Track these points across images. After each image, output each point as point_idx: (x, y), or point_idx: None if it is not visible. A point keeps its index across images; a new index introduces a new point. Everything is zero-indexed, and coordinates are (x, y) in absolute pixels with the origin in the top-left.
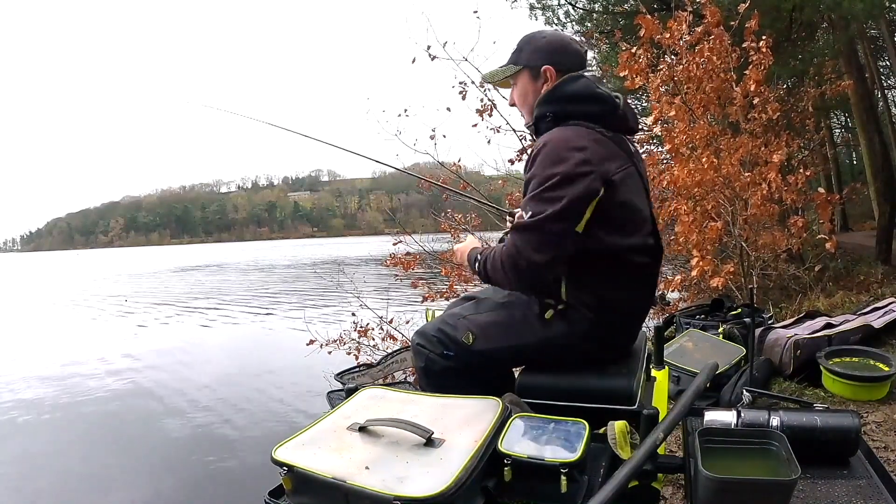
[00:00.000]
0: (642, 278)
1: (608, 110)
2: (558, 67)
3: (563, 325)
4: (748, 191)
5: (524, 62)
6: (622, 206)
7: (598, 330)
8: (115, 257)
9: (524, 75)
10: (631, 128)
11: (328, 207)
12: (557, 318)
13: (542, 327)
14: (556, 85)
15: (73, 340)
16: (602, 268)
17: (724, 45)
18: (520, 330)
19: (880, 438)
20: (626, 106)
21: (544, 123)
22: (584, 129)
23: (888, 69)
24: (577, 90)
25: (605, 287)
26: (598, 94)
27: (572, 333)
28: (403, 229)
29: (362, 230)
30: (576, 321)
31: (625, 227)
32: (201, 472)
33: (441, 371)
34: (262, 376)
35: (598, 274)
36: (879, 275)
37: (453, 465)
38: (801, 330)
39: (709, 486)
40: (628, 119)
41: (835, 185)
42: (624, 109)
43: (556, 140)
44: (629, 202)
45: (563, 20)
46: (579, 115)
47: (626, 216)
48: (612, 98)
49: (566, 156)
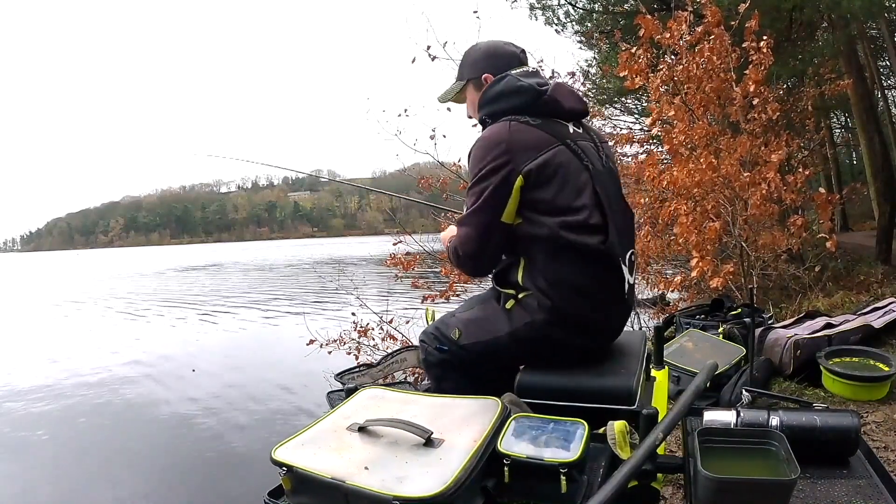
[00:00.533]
0: (592, 256)
1: (530, 99)
2: (495, 73)
3: (523, 314)
4: (748, 191)
5: (467, 76)
6: (552, 187)
7: (561, 315)
8: (115, 257)
9: (470, 88)
10: (570, 109)
11: (328, 207)
12: (518, 307)
13: (507, 321)
14: (485, 90)
15: (74, 340)
16: (548, 250)
17: (724, 45)
18: (492, 325)
19: (880, 438)
20: (556, 90)
21: (486, 126)
22: (505, 123)
23: (888, 69)
24: (500, 88)
25: (554, 268)
26: (519, 86)
27: (534, 321)
28: (403, 229)
29: (362, 230)
30: (534, 308)
31: (560, 206)
32: (201, 472)
33: (437, 363)
34: (261, 376)
35: (546, 256)
36: (879, 275)
37: (453, 465)
38: (801, 330)
39: (708, 486)
40: (560, 102)
41: (835, 185)
42: (553, 93)
43: (480, 140)
44: (559, 183)
45: (563, 20)
46: (507, 111)
47: (558, 196)
48: (533, 87)
49: (483, 154)
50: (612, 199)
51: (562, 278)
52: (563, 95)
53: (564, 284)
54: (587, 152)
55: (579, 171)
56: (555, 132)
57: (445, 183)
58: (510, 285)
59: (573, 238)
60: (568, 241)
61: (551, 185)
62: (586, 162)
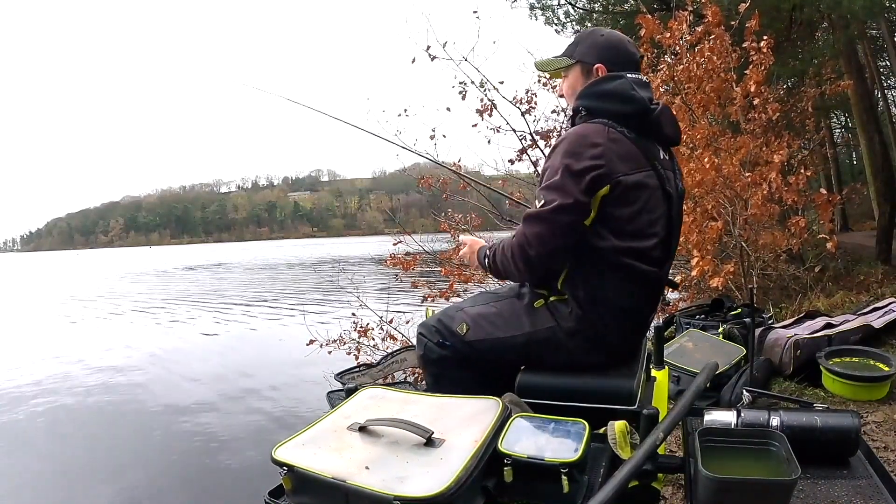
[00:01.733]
0: (642, 284)
1: (638, 112)
2: (609, 67)
3: (549, 318)
4: (748, 191)
5: (578, 56)
6: (631, 208)
7: (584, 326)
8: (116, 257)
9: (576, 69)
10: (666, 136)
11: (328, 207)
12: (546, 309)
13: (529, 321)
14: (595, 81)
15: (73, 340)
16: (603, 266)
17: (724, 44)
18: (507, 324)
19: (880, 438)
20: (662, 113)
21: (578, 118)
22: (603, 126)
23: (888, 69)
24: (611, 88)
25: (601, 284)
26: (631, 95)
27: (557, 327)
28: (403, 229)
29: (362, 230)
30: (563, 315)
31: (632, 229)
32: (201, 472)
33: (437, 359)
34: (261, 376)
35: (598, 271)
36: (879, 275)
37: (453, 464)
38: (801, 330)
39: (709, 486)
40: (662, 125)
41: (835, 185)
42: (659, 116)
43: (575, 135)
44: (640, 206)
45: (563, 20)
46: (608, 114)
47: (635, 219)
48: (644, 101)
49: (580, 151)
50: (677, 230)
51: (605, 296)
52: (665, 120)
53: (605, 303)
54: (670, 180)
55: (660, 200)
56: (648, 153)
57: (446, 183)
58: (545, 286)
59: (632, 263)
60: (625, 263)
61: (632, 206)
62: (669, 188)
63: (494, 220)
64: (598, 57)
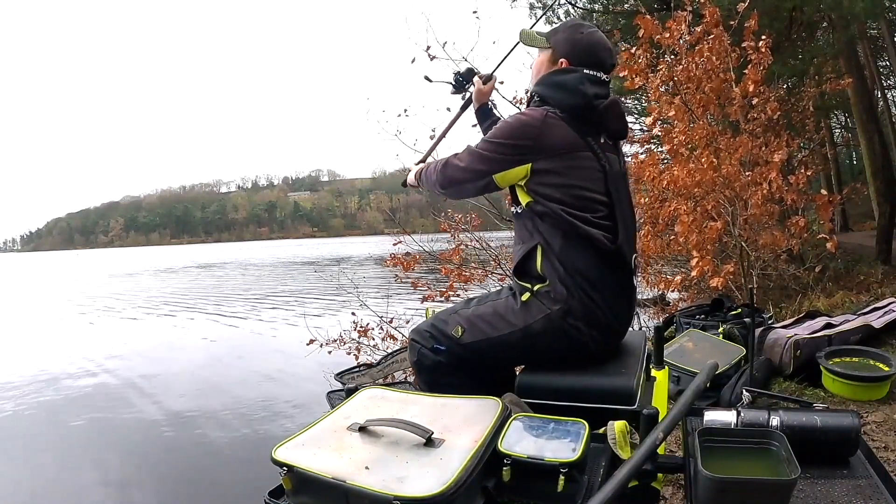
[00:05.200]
0: (603, 252)
1: (582, 105)
2: (574, 64)
3: (540, 307)
4: (748, 191)
5: (553, 44)
6: (567, 180)
7: (574, 304)
8: (115, 257)
9: (546, 53)
10: (611, 129)
11: (328, 207)
12: (535, 300)
13: (522, 316)
14: (554, 71)
15: (73, 340)
16: (563, 237)
17: (723, 44)
18: (503, 321)
19: (880, 438)
20: (608, 110)
21: (532, 102)
22: (542, 111)
23: (888, 69)
24: (563, 80)
25: (568, 256)
26: (579, 89)
27: (551, 314)
28: (403, 229)
29: (362, 230)
30: (551, 300)
31: (574, 200)
32: (201, 472)
33: (432, 365)
34: (261, 376)
35: (562, 243)
36: (879, 275)
37: (453, 465)
38: (801, 330)
39: (709, 486)
40: (605, 119)
41: (835, 185)
42: (603, 112)
43: (519, 118)
44: (578, 184)
45: (564, 20)
46: (555, 103)
47: (577, 194)
48: (589, 96)
49: (514, 124)
50: (624, 204)
51: (577, 268)
52: (611, 116)
53: (578, 274)
54: (612, 163)
55: (595, 171)
56: (588, 143)
57: None
58: (529, 276)
59: (586, 229)
60: (579, 231)
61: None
62: (604, 163)
63: (494, 220)
64: (567, 52)
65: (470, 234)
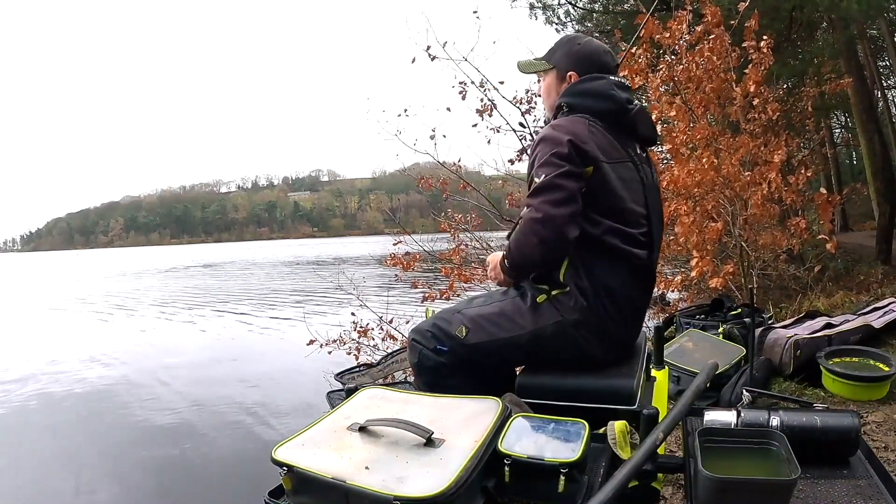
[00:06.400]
0: (636, 270)
1: (615, 110)
2: (582, 75)
3: (554, 312)
4: (748, 191)
5: (554, 63)
6: (613, 194)
7: (590, 318)
8: (115, 257)
9: (552, 74)
10: (642, 135)
11: (328, 207)
12: (549, 304)
13: (532, 318)
14: (579, 80)
15: (73, 340)
16: (600, 252)
17: (724, 44)
18: (511, 322)
19: (880, 438)
20: (639, 114)
21: (560, 113)
22: (583, 118)
23: (888, 69)
24: (593, 87)
25: (602, 272)
26: (611, 94)
27: (564, 321)
28: (403, 229)
29: (362, 230)
30: (567, 308)
31: (618, 214)
32: (201, 472)
33: (433, 367)
34: (261, 376)
35: (597, 258)
36: (879, 275)
37: (453, 465)
38: (801, 330)
39: (709, 486)
40: (637, 125)
41: (835, 185)
42: (635, 116)
43: (556, 125)
44: (621, 195)
45: (564, 19)
46: (587, 110)
47: (617, 205)
48: (622, 100)
49: (562, 138)
50: (657, 218)
51: (603, 282)
52: (642, 120)
53: (603, 288)
54: (647, 174)
55: (639, 191)
56: (625, 150)
57: (446, 183)
58: (547, 281)
59: (626, 248)
60: (620, 248)
61: (614, 192)
62: (642, 174)
63: (494, 220)
64: (572, 65)
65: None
